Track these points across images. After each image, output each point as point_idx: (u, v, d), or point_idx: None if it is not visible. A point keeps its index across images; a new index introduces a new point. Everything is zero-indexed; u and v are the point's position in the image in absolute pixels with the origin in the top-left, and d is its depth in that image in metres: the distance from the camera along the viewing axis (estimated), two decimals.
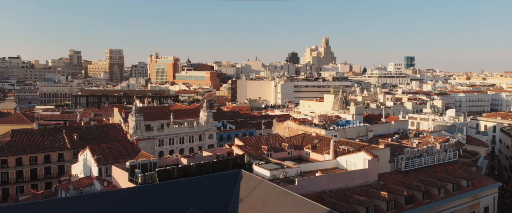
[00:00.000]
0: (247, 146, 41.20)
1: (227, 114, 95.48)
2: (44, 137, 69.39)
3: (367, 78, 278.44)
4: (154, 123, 79.70)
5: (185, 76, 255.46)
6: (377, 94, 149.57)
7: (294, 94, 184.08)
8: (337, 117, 76.97)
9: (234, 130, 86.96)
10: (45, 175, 65.47)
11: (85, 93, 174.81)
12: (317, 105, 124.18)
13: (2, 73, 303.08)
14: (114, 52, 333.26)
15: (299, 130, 67.26)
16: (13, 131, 69.27)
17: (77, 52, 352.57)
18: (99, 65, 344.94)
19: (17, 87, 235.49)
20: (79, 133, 72.44)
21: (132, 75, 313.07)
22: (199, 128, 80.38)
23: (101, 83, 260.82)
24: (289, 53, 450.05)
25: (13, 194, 60.69)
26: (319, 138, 46.16)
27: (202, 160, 38.11)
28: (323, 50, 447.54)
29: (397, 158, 39.03)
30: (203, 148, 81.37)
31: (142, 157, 51.47)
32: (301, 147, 44.38)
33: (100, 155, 49.82)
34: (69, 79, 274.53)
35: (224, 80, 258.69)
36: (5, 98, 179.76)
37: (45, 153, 66.09)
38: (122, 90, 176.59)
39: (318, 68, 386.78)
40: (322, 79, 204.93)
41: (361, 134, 67.85)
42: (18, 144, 65.17)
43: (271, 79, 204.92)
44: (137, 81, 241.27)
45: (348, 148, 40.38)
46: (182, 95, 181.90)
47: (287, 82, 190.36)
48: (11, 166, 61.96)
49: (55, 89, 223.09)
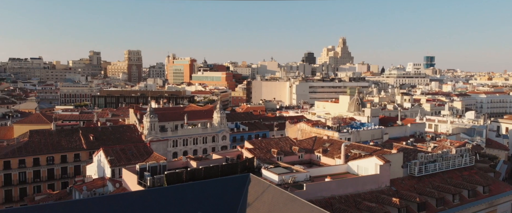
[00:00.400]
0: (256, 149, 40.94)
1: (240, 115, 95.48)
2: (61, 138, 70.85)
3: (385, 78, 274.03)
4: (168, 124, 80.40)
5: (201, 77, 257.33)
6: (394, 95, 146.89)
7: (309, 95, 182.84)
8: (352, 119, 75.85)
9: (247, 131, 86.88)
10: (61, 175, 66.84)
11: (104, 93, 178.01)
12: (332, 106, 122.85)
13: (25, 73, 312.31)
14: (132, 53, 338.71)
15: (312, 132, 66.58)
16: (31, 131, 71.05)
17: (97, 53, 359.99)
18: (118, 66, 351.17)
19: (38, 87, 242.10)
20: (95, 133, 73.68)
21: (150, 76, 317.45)
22: (212, 129, 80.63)
23: (119, 83, 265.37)
24: (305, 53, 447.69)
25: (30, 193, 62.24)
26: (331, 142, 45.49)
27: (211, 163, 38.09)
28: (340, 50, 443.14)
29: (410, 163, 38.05)
30: (216, 149, 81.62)
31: (155, 159, 51.98)
32: (311, 150, 43.84)
33: (113, 156, 50.49)
34: (89, 80, 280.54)
35: (239, 81, 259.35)
36: (26, 99, 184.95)
37: (62, 153, 67.45)
38: (139, 91, 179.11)
39: (335, 68, 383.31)
40: (338, 79, 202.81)
41: (376, 136, 66.63)
42: (36, 144, 66.76)
43: (286, 79, 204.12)
44: (154, 82, 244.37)
45: (360, 153, 39.61)
46: (198, 95, 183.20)
47: (302, 83, 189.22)
48: (29, 166, 63.52)
49: (75, 89, 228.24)
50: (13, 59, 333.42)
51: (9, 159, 61.90)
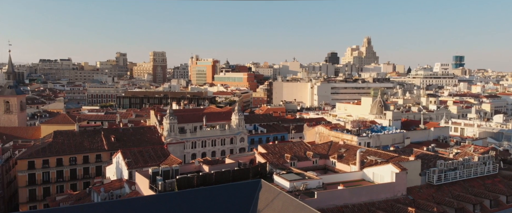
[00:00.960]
0: (269, 154, 40.53)
1: (259, 117, 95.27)
2: (84, 138, 72.76)
3: (411, 79, 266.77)
4: (187, 125, 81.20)
5: (223, 78, 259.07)
6: (420, 97, 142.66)
7: (331, 96, 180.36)
8: (372, 122, 74.09)
9: (265, 133, 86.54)
10: (83, 175, 68.64)
11: (128, 94, 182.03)
12: (354, 108, 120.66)
13: (54, 74, 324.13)
14: (157, 54, 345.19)
15: (330, 135, 65.50)
16: (55, 132, 73.35)
17: (123, 54, 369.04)
18: (144, 67, 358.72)
19: (67, 88, 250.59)
20: (117, 134, 75.20)
21: (174, 77, 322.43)
22: (230, 131, 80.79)
23: (144, 84, 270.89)
24: (329, 53, 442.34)
25: (53, 192, 64.27)
26: (347, 147, 44.44)
27: (223, 167, 37.99)
28: (364, 49, 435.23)
29: (428, 171, 36.61)
30: (235, 151, 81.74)
31: (171, 161, 52.49)
32: (327, 156, 42.98)
33: (131, 159, 51.32)
34: (115, 81, 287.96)
35: (261, 82, 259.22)
36: (55, 99, 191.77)
37: (84, 154, 69.25)
38: (162, 92, 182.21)
39: (359, 68, 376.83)
40: (361, 80, 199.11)
41: (397, 141, 64.79)
42: (59, 145, 68.82)
43: (308, 80, 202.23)
44: (178, 83, 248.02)
45: (376, 159, 38.45)
46: (219, 96, 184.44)
47: (324, 83, 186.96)
48: (52, 166, 65.56)
49: (101, 90, 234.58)
50: (44, 60, 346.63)
51: (33, 159, 64.11)
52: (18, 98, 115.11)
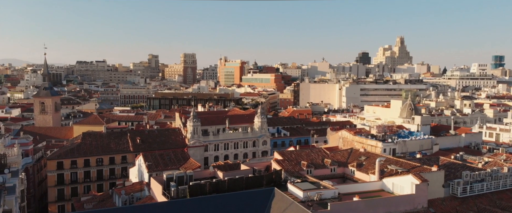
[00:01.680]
0: (285, 161, 39.76)
1: (282, 120, 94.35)
2: (111, 140, 74.77)
3: (446, 80, 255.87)
4: (211, 127, 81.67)
5: (250, 79, 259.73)
6: (454, 99, 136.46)
7: (360, 98, 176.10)
8: (399, 127, 71.35)
9: (289, 137, 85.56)
10: (109, 176, 70.53)
11: (158, 96, 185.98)
12: (383, 111, 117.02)
13: (90, 75, 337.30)
14: (188, 56, 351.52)
15: (354, 141, 63.66)
16: (84, 133, 75.93)
17: (155, 56, 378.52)
18: (175, 69, 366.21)
19: (101, 89, 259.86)
20: (142, 136, 76.77)
21: (204, 78, 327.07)
22: (253, 134, 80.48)
23: (175, 85, 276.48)
24: (360, 53, 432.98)
25: (81, 192, 66.45)
26: (367, 155, 42.84)
27: (238, 174, 37.65)
28: (397, 49, 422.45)
29: (452, 182, 34.55)
30: (257, 154, 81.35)
31: (190, 165, 52.86)
32: (345, 163, 41.61)
33: (151, 162, 52.11)
34: (147, 82, 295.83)
35: (288, 83, 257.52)
36: (89, 100, 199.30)
37: (110, 155, 71.15)
38: (191, 93, 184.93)
39: (392, 69, 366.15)
40: (392, 82, 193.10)
41: (425, 147, 61.97)
42: (87, 146, 71.13)
43: (336, 81, 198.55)
44: (206, 84, 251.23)
45: (396, 169, 36.78)
46: (246, 97, 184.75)
47: (352, 85, 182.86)
48: (80, 167, 67.84)
49: (133, 91, 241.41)
50: (80, 62, 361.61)
51: (62, 160, 66.59)
52: (53, 100, 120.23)
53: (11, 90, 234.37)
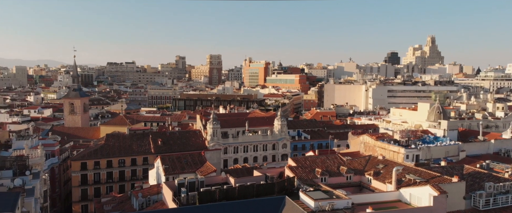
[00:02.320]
0: (299, 168, 38.86)
1: (303, 123, 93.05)
2: (133, 141, 76.18)
3: (479, 81, 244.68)
4: (230, 130, 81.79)
5: (275, 80, 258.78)
6: (486, 102, 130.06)
7: (388, 100, 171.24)
8: (424, 132, 68.50)
9: (309, 140, 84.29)
10: (131, 177, 71.87)
11: (183, 97, 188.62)
12: (410, 114, 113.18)
13: (120, 76, 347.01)
14: (213, 57, 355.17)
15: (375, 146, 61.65)
16: (107, 135, 77.82)
17: (182, 57, 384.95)
18: (201, 70, 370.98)
19: (129, 89, 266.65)
20: (163, 138, 77.81)
21: (229, 79, 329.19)
22: (272, 137, 79.84)
23: (200, 86, 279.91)
24: (388, 53, 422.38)
25: (103, 193, 68.00)
26: (385, 163, 41.20)
27: (250, 180, 37.16)
28: (428, 49, 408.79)
29: (474, 194, 32.56)
30: (277, 157, 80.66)
31: (206, 168, 52.90)
32: (362, 171, 40.17)
33: (169, 165, 52.54)
34: (174, 83, 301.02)
35: (313, 83, 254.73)
36: (118, 100, 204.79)
37: (132, 157, 72.48)
38: (214, 95, 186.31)
39: (422, 69, 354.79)
40: (421, 83, 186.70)
41: (451, 154, 59.04)
42: (110, 147, 72.75)
43: (362, 82, 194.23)
44: (231, 85, 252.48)
45: (415, 178, 35.10)
46: (269, 99, 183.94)
47: (379, 86, 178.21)
48: (103, 168, 69.49)
49: (160, 92, 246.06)
50: (111, 63, 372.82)
51: (86, 161, 68.45)
52: (82, 101, 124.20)
53: (44, 91, 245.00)
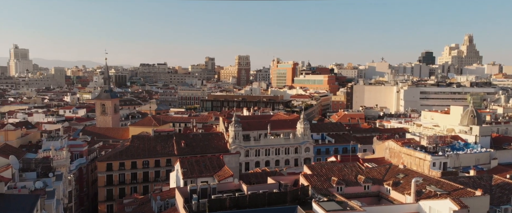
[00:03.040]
0: (314, 176, 37.79)
1: (327, 126, 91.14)
2: (157, 143, 77.55)
3: None
4: (252, 133, 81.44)
5: (302, 80, 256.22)
6: None
7: (420, 101, 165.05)
8: (454, 138, 65.15)
9: (333, 144, 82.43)
10: (155, 178, 73.19)
11: (210, 98, 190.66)
12: (442, 118, 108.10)
13: (152, 77, 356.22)
14: (242, 58, 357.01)
15: (401, 152, 59.28)
16: (133, 136, 79.73)
17: (212, 59, 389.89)
18: (229, 71, 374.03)
19: (160, 90, 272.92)
20: (187, 140, 78.69)
21: (256, 80, 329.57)
22: (295, 140, 78.75)
23: (228, 87, 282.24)
24: (423, 52, 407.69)
25: (128, 193, 69.71)
26: (406, 172, 39.27)
27: (262, 188, 36.57)
28: (465, 48, 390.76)
29: (499, 209, 30.34)
30: (299, 160, 79.49)
31: (224, 173, 52.71)
32: (381, 181, 38.49)
33: (187, 168, 52.80)
34: (204, 84, 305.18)
35: (343, 84, 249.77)
36: (149, 101, 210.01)
37: (156, 158, 73.78)
38: (241, 96, 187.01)
39: (458, 69, 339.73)
40: (456, 84, 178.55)
41: (482, 161, 55.81)
42: (135, 148, 74.39)
43: (393, 83, 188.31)
44: (258, 86, 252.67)
45: (436, 190, 33.18)
46: (296, 100, 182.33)
47: (411, 87, 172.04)
48: (127, 169, 71.17)
49: (190, 93, 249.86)
50: (143, 64, 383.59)
51: (111, 162, 70.36)
52: (112, 102, 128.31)
53: (80, 91, 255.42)
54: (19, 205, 31.95)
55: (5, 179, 36.60)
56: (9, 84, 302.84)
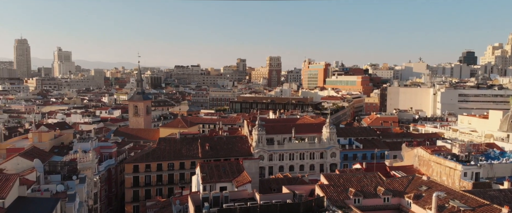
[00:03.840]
0: (331, 186, 36.46)
1: (355, 130, 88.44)
2: (183, 146, 78.56)
3: None
4: (277, 136, 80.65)
5: (334, 81, 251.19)
6: None
7: (458, 104, 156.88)
8: (490, 146, 61.09)
9: (361, 149, 79.89)
10: (179, 180, 74.20)
11: (240, 99, 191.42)
12: (480, 123, 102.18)
13: (186, 79, 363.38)
14: (273, 59, 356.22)
15: (430, 161, 56.33)
16: (160, 139, 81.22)
17: (243, 60, 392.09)
18: (260, 72, 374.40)
19: (193, 91, 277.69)
20: (211, 143, 79.18)
21: (287, 81, 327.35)
22: (320, 145, 77.03)
23: (259, 88, 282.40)
24: (464, 52, 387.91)
25: (153, 194, 71.12)
26: (430, 184, 36.98)
27: (276, 198, 35.77)
28: (509, 48, 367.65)
29: None
30: (325, 166, 77.74)
31: (243, 178, 52.35)
32: (402, 193, 36.48)
33: (206, 173, 52.93)
34: (235, 85, 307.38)
35: (377, 85, 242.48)
36: (181, 102, 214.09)
37: (181, 161, 74.78)
38: (269, 98, 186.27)
39: (502, 70, 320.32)
40: (498, 86, 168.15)
41: None
42: (161, 151, 75.77)
43: (430, 85, 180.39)
44: (289, 87, 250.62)
45: (459, 206, 30.96)
46: (327, 101, 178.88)
47: (449, 89, 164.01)
48: (153, 170, 72.63)
49: (220, 94, 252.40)
50: (178, 66, 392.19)
51: (138, 164, 72.05)
52: (144, 104, 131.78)
53: (117, 92, 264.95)
54: (39, 208, 33.14)
55: (29, 181, 38.16)
56: (52, 85, 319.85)
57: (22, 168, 41.92)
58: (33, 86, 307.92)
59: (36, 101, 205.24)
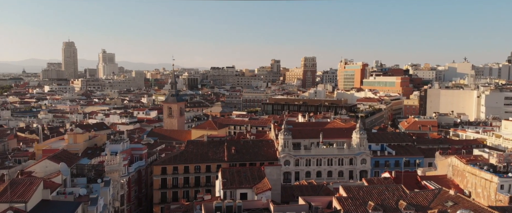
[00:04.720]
0: (349, 199, 34.93)
1: (388, 136, 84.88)
2: (210, 148, 79.23)
3: None
4: (304, 141, 79.21)
5: (372, 82, 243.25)
6: None
7: (505, 108, 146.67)
8: None
9: (394, 156, 76.57)
10: (205, 183, 74.87)
11: (271, 101, 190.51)
12: None
13: (221, 80, 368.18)
14: (308, 59, 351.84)
15: (465, 171, 52.84)
16: (188, 141, 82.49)
17: (277, 61, 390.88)
18: (295, 72, 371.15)
19: (227, 93, 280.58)
20: (237, 146, 79.21)
21: (323, 81, 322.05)
22: (349, 151, 74.70)
23: (292, 89, 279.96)
24: None
25: (180, 196, 72.20)
26: (457, 200, 34.40)
27: (291, 209, 34.85)
28: None
29: None
30: (354, 173, 75.34)
31: (263, 185, 51.75)
32: (426, 208, 34.22)
33: (227, 179, 52.86)
34: (268, 86, 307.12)
35: (418, 86, 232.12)
36: (215, 103, 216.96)
37: (207, 164, 75.42)
38: (301, 99, 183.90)
39: None
40: None
41: None
42: (189, 153, 76.81)
43: (474, 87, 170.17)
44: (324, 88, 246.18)
45: None
46: (363, 103, 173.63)
47: (494, 92, 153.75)
48: (181, 173, 73.74)
49: (253, 95, 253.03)
50: (214, 68, 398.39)
51: (166, 166, 73.49)
52: (178, 105, 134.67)
53: (156, 93, 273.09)
54: (60, 211, 34.45)
55: (55, 184, 39.83)
56: (96, 86, 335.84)
57: (50, 170, 43.86)
58: (78, 87, 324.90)
59: (80, 102, 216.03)
